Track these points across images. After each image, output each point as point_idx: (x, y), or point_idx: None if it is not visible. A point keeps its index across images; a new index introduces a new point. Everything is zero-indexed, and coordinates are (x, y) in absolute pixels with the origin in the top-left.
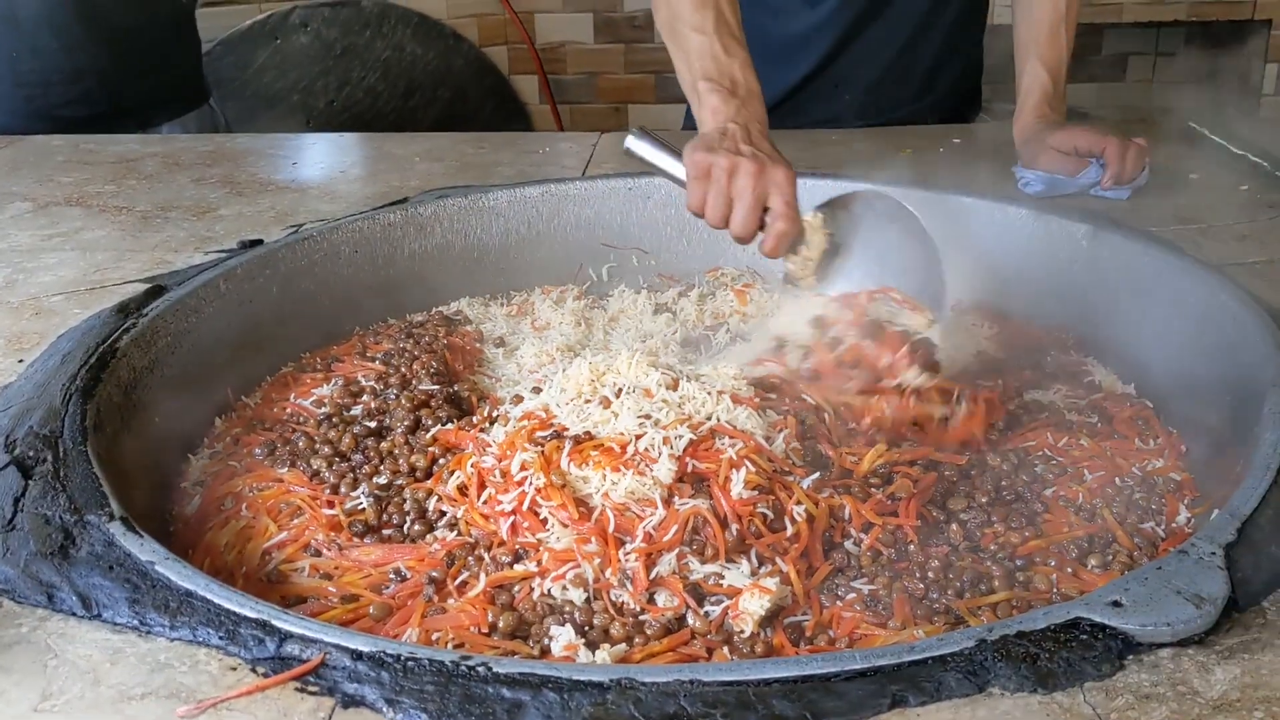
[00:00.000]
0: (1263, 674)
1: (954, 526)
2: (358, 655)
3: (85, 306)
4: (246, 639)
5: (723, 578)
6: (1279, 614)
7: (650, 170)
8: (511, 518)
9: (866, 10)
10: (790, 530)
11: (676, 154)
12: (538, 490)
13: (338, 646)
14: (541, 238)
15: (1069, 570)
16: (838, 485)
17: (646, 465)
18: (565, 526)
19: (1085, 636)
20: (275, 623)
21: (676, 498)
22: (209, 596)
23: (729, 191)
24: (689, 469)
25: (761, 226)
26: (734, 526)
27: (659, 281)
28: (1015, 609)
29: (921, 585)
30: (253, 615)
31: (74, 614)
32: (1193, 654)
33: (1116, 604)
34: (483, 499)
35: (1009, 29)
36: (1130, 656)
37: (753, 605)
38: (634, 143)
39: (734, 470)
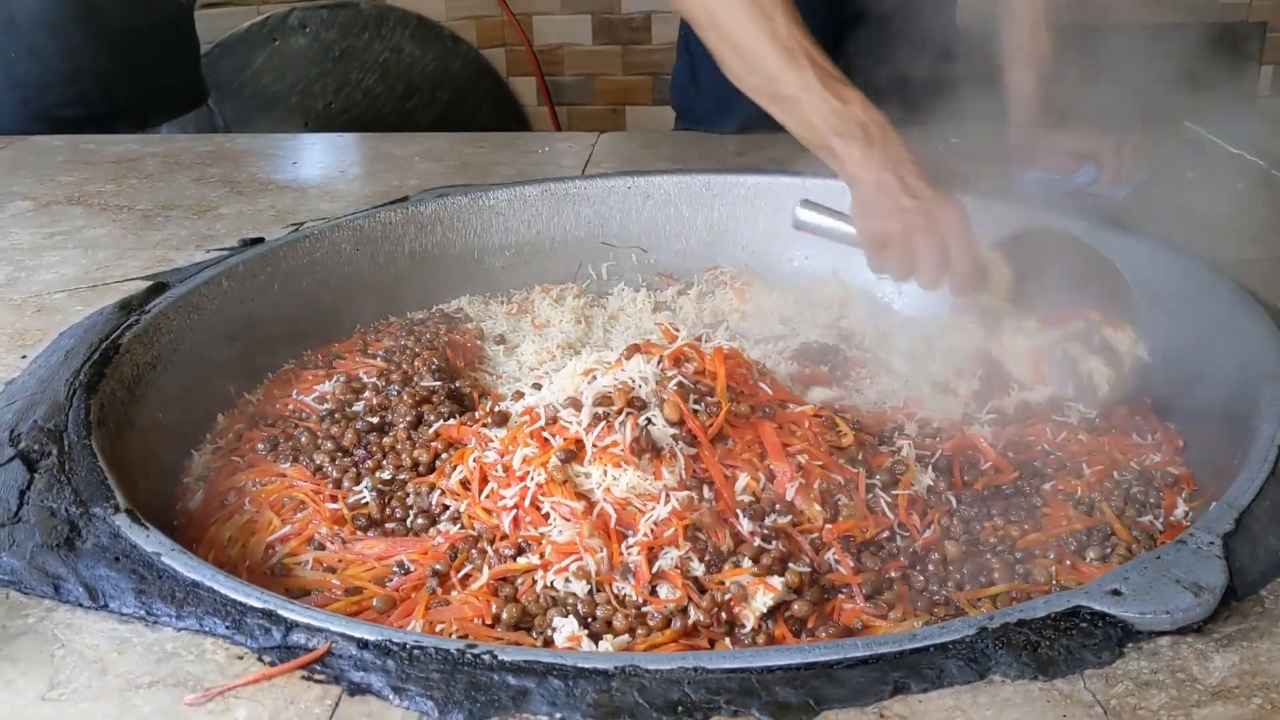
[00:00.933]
0: (1260, 661)
1: (954, 520)
2: (364, 644)
3: (87, 304)
4: (253, 628)
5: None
6: (1276, 602)
7: (824, 237)
8: (514, 512)
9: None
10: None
11: (846, 218)
12: (539, 486)
13: (343, 635)
14: (541, 236)
15: (1068, 563)
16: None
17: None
18: (567, 521)
19: (1085, 624)
20: (281, 612)
21: (675, 494)
22: (215, 587)
23: (909, 255)
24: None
25: None
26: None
27: (658, 280)
28: (1015, 601)
29: (921, 578)
30: (259, 605)
31: (80, 604)
32: (1191, 642)
33: (1116, 593)
34: (485, 493)
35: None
36: (1130, 644)
37: (755, 601)
38: (806, 214)
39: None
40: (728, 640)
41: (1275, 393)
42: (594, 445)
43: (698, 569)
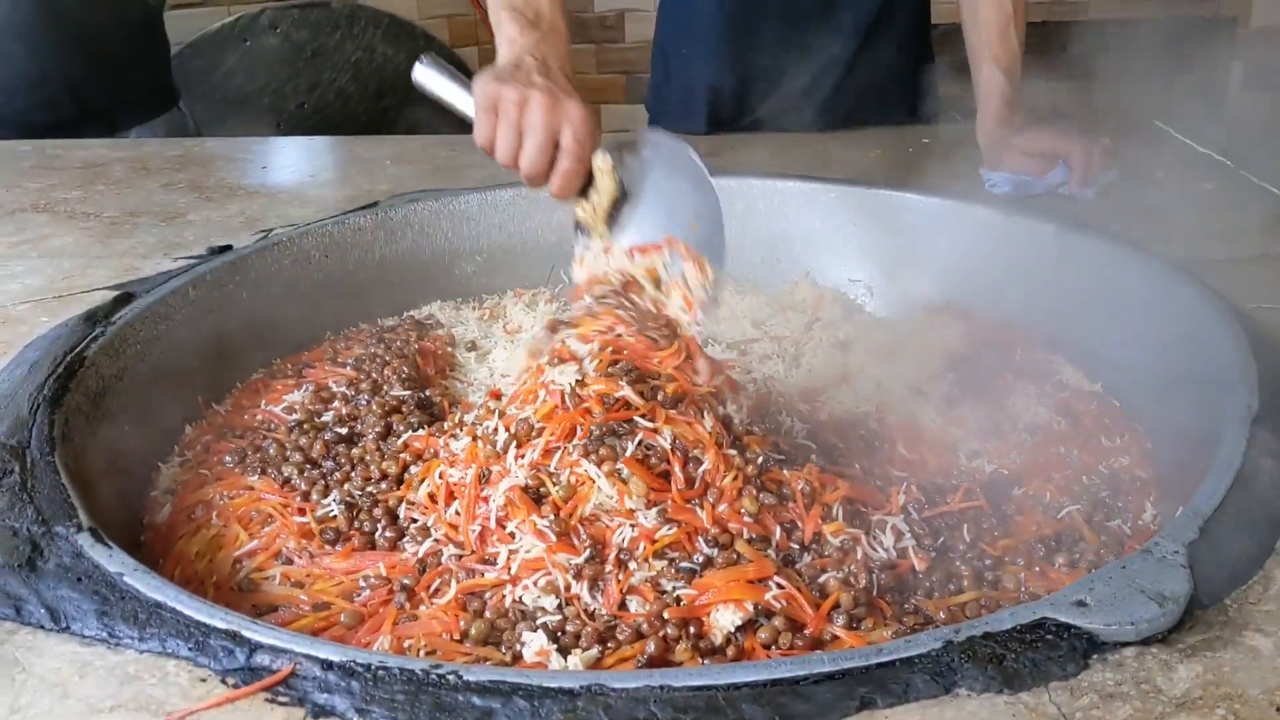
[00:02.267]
0: (1224, 671)
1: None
2: (328, 665)
3: (53, 315)
4: (216, 650)
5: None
6: (1240, 612)
7: (439, 104)
8: (479, 527)
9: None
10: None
11: (467, 86)
12: (501, 509)
13: (308, 656)
14: (513, 241)
15: (1036, 569)
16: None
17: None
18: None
19: (1051, 636)
20: (245, 633)
21: (644, 512)
22: (178, 607)
23: (519, 125)
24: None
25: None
26: (710, 537)
27: None
28: (984, 608)
29: (892, 585)
30: (222, 626)
31: (42, 626)
32: (1156, 652)
33: (1081, 603)
34: (452, 509)
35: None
36: (1095, 656)
37: (724, 619)
38: (421, 72)
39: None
40: (697, 656)
41: (1241, 397)
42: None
43: (668, 584)
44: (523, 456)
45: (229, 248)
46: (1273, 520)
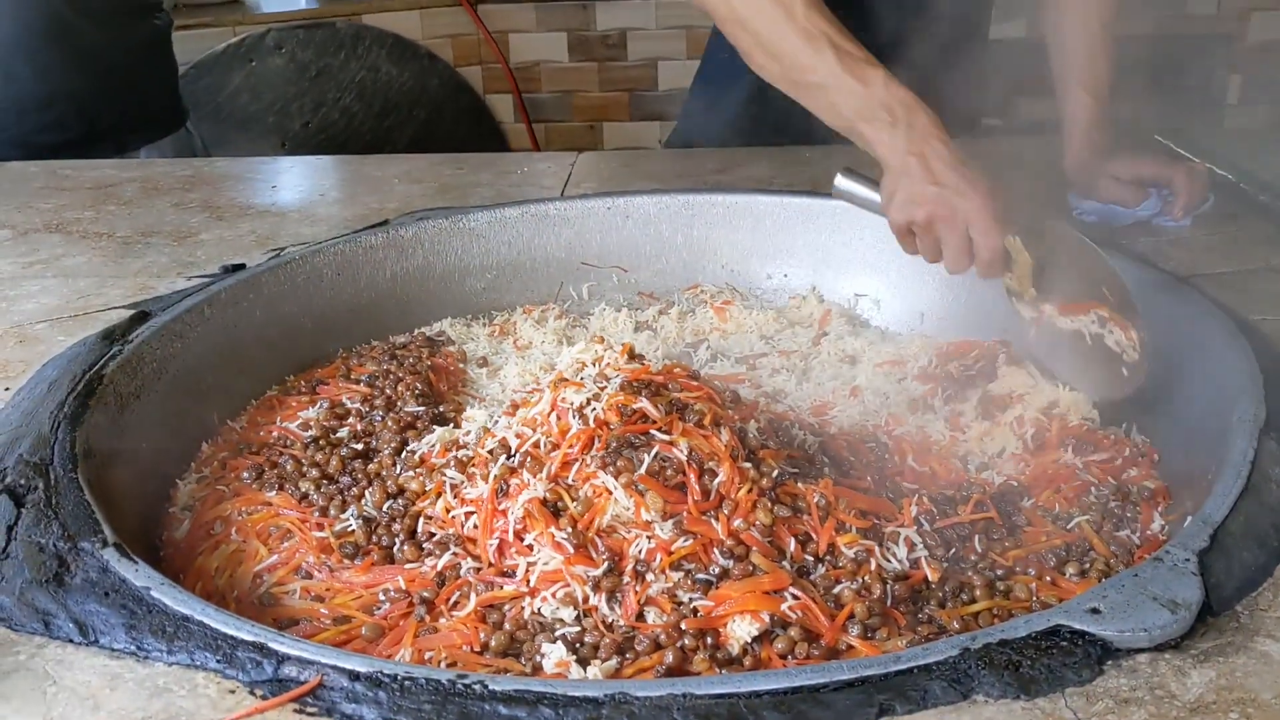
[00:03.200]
0: (1237, 676)
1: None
2: (355, 676)
3: (69, 334)
4: (244, 662)
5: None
6: (1251, 618)
7: (860, 206)
8: (497, 541)
9: None
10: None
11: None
12: (519, 521)
13: (335, 667)
14: (522, 258)
15: (1048, 579)
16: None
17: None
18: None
19: (1065, 643)
20: (272, 645)
21: (660, 524)
22: (205, 620)
23: (934, 242)
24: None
25: None
26: (726, 548)
27: (639, 300)
28: (996, 618)
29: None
30: (249, 638)
31: (71, 640)
32: (1169, 658)
33: (1095, 611)
34: (470, 523)
35: (1008, 44)
36: (1109, 662)
37: (740, 630)
38: (842, 183)
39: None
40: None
41: (1248, 407)
42: (578, 469)
43: (685, 595)
44: (540, 469)
45: (242, 266)
46: None
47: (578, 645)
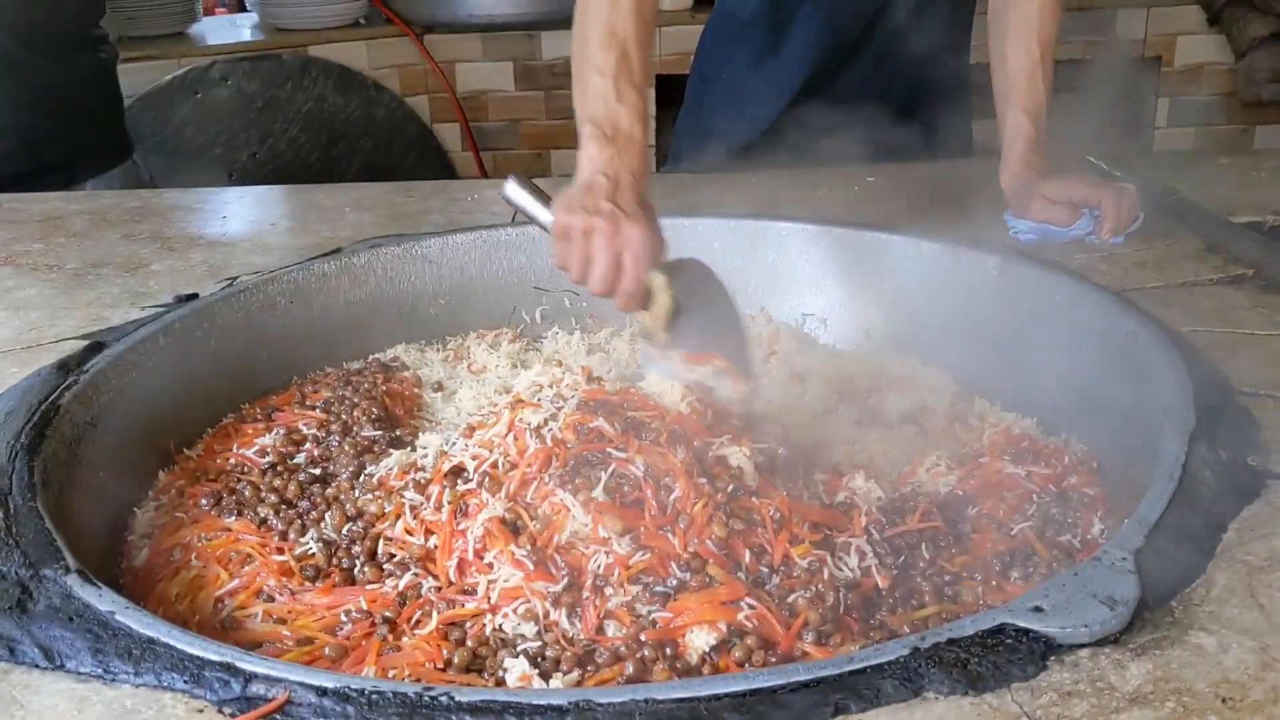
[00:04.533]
0: (1173, 668)
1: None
2: (322, 691)
3: (23, 365)
4: (211, 681)
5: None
6: (1185, 612)
7: (524, 215)
8: (457, 560)
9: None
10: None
11: (549, 204)
12: (479, 540)
13: (302, 684)
14: (475, 283)
15: (993, 584)
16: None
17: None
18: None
19: (1010, 640)
20: (239, 664)
21: (617, 540)
22: (171, 642)
23: (586, 252)
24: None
25: None
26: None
27: (591, 322)
28: (945, 622)
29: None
30: (216, 658)
31: (37, 665)
32: (1109, 653)
33: (1038, 609)
34: (430, 541)
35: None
36: (1052, 657)
37: (699, 640)
38: (511, 190)
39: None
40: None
41: (1179, 414)
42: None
43: (644, 608)
44: (499, 489)
45: (195, 296)
46: (1212, 527)
47: (540, 659)
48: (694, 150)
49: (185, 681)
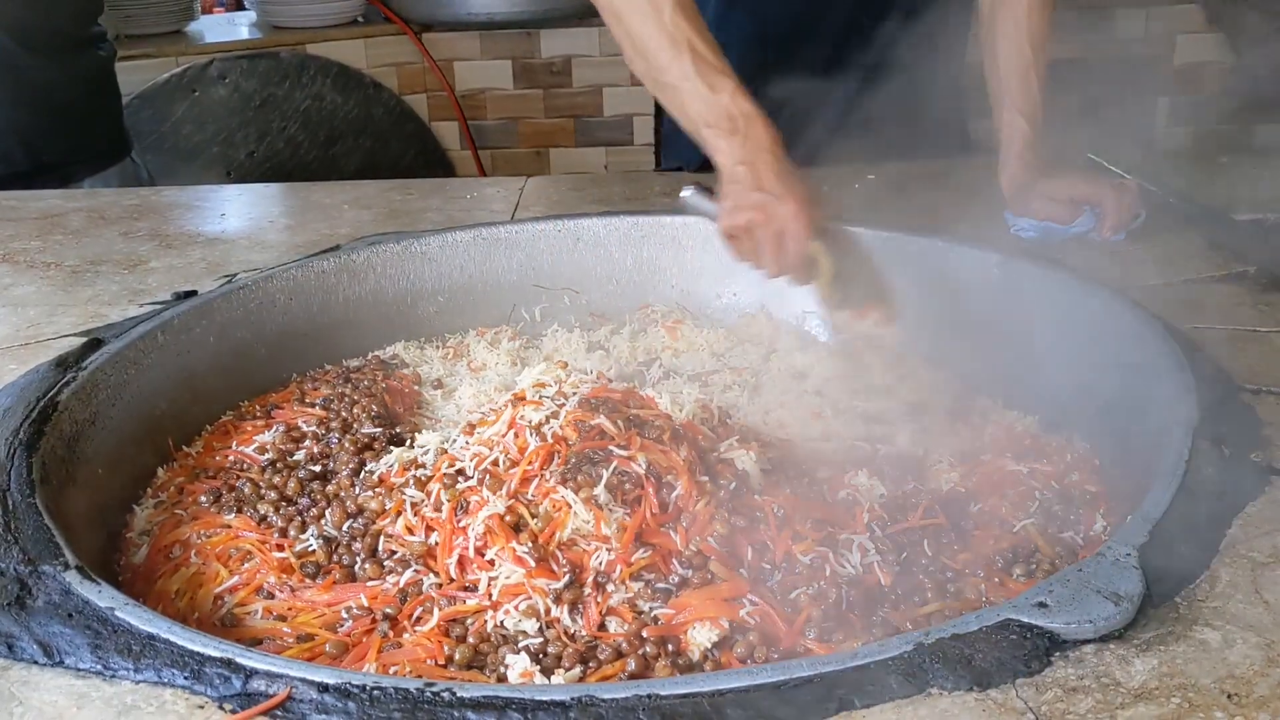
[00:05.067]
0: (1178, 664)
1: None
2: (324, 687)
3: (21, 362)
4: (212, 677)
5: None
6: (1190, 608)
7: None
8: (457, 556)
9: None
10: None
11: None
12: (480, 537)
13: (303, 680)
14: (474, 281)
15: (996, 580)
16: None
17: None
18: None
19: (1015, 636)
20: (239, 660)
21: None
22: (171, 638)
23: (752, 245)
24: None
25: None
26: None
27: (591, 320)
28: (948, 619)
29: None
30: (216, 654)
31: (36, 662)
32: (1114, 648)
33: (1043, 605)
34: (432, 538)
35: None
36: (1057, 653)
37: (701, 636)
38: (690, 198)
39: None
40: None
41: (1183, 411)
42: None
43: (645, 605)
44: (500, 487)
45: (194, 293)
46: (1216, 523)
47: (541, 656)
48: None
49: (185, 678)
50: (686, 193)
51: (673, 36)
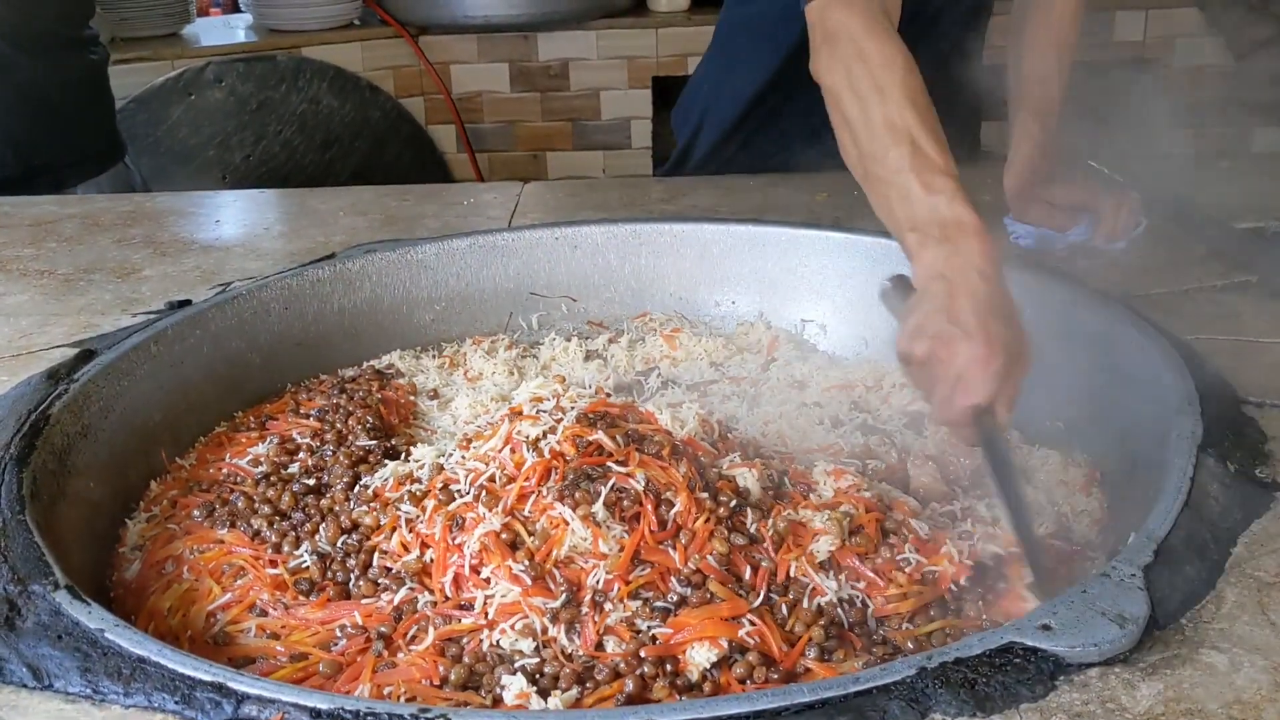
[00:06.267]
0: (1184, 688)
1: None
2: (317, 714)
3: (12, 373)
4: (203, 702)
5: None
6: (1196, 630)
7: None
8: (452, 574)
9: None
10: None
11: None
12: (475, 555)
13: (296, 705)
14: (470, 289)
15: (990, 598)
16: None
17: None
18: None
19: (1018, 660)
20: (231, 685)
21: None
22: (162, 661)
23: (927, 379)
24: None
25: None
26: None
27: (588, 329)
28: (949, 636)
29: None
30: (207, 678)
31: (25, 685)
32: (1119, 672)
33: (1046, 627)
34: (427, 555)
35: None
36: (1061, 677)
37: (700, 656)
38: (887, 289)
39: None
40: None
41: (1186, 424)
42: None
43: (643, 624)
44: (496, 503)
45: (188, 302)
46: (1222, 542)
47: (538, 676)
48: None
49: (176, 702)
50: (887, 284)
51: (893, 126)
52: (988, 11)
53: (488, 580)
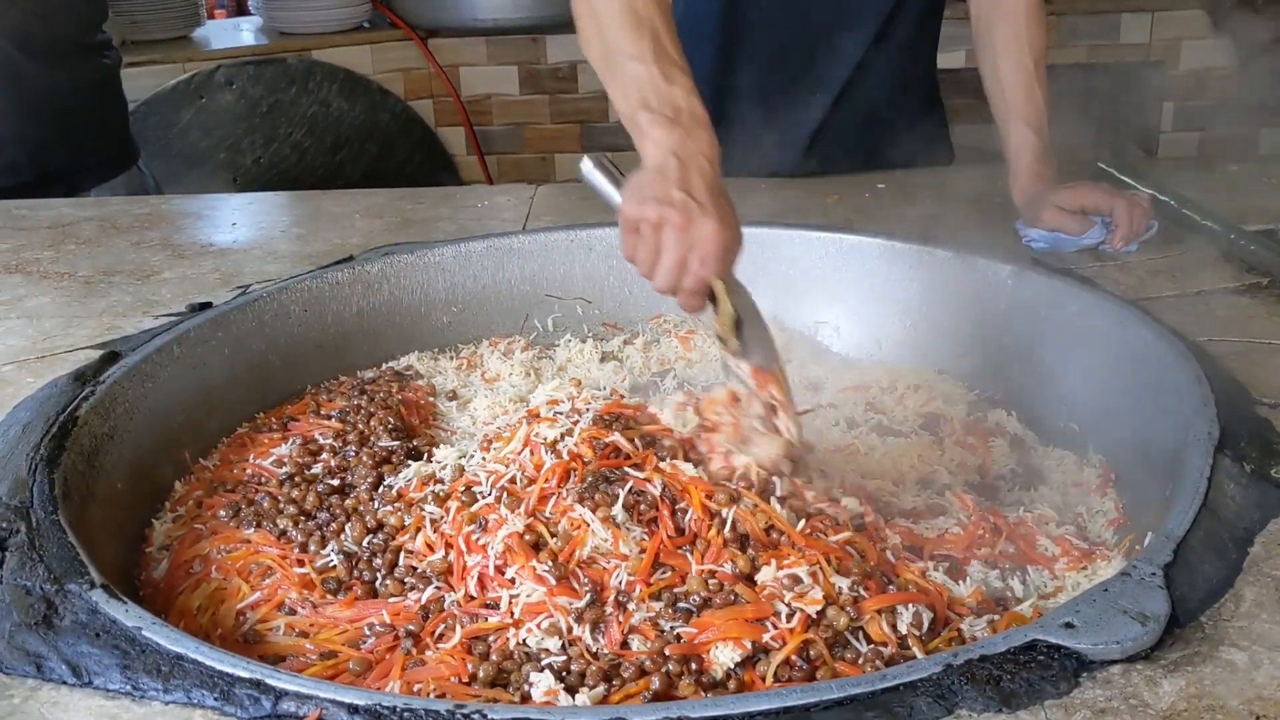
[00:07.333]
0: (1205, 685)
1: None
2: (354, 709)
3: (38, 375)
4: (242, 699)
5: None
6: (1216, 628)
7: (600, 197)
8: (477, 574)
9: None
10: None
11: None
12: (499, 556)
13: (334, 701)
14: (487, 291)
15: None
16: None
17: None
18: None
19: (1043, 657)
20: (269, 681)
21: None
22: (200, 659)
23: (655, 246)
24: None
25: None
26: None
27: (604, 330)
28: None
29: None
30: (246, 675)
31: (65, 683)
32: (1141, 669)
33: (1069, 625)
34: (452, 556)
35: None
36: (1085, 674)
37: (724, 656)
38: (587, 170)
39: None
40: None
41: (1202, 426)
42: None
43: (667, 623)
44: (518, 505)
45: (209, 305)
46: (1239, 541)
47: (564, 674)
48: None
49: (215, 699)
50: (586, 164)
51: (639, 18)
52: (938, 18)
53: (512, 580)
